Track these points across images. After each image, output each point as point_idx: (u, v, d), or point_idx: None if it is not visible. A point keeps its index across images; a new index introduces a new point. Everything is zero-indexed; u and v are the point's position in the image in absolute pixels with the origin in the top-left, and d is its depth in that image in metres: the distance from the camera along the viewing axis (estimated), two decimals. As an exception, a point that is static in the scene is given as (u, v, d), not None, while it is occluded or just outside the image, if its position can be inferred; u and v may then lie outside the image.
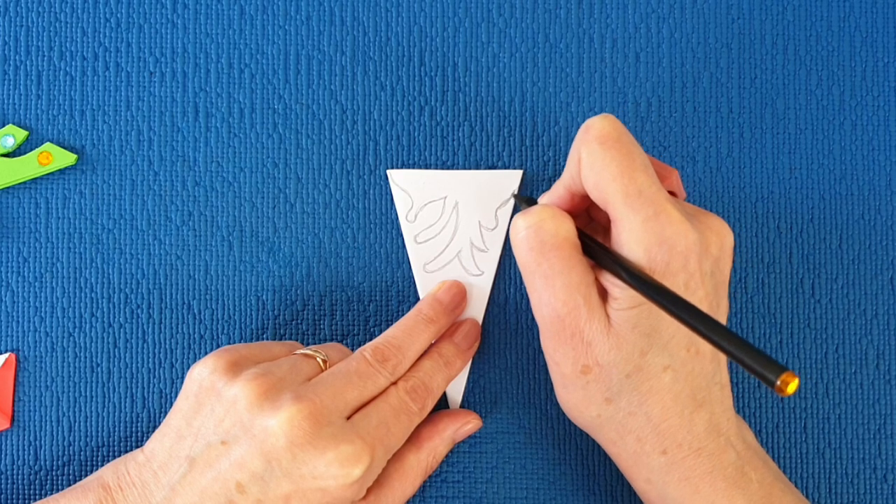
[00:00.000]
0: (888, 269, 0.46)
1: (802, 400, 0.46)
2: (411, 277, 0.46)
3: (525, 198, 0.43)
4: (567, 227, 0.38)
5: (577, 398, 0.39)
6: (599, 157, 0.37)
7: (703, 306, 0.38)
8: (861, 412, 0.46)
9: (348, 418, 0.39)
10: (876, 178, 0.47)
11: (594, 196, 0.38)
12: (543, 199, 0.41)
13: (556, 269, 0.38)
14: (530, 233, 0.38)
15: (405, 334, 0.42)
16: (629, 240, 0.37)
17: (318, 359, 0.41)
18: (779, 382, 0.31)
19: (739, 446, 0.39)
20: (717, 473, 0.39)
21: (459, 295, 0.45)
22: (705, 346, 0.38)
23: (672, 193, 0.41)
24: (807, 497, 0.45)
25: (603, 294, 0.38)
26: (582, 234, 0.39)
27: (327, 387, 0.39)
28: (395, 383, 0.41)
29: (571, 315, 0.38)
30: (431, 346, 0.43)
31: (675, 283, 0.37)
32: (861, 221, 0.46)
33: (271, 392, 0.38)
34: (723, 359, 0.40)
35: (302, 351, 0.41)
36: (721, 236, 0.39)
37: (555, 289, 0.38)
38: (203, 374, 0.39)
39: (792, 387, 0.31)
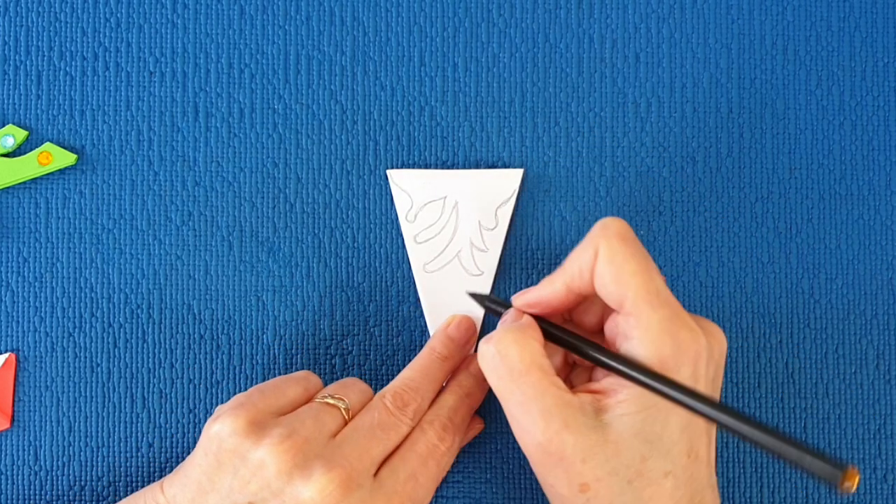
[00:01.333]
0: (887, 270, 0.46)
1: (802, 400, 0.46)
2: (411, 277, 0.46)
3: (493, 300, 0.43)
4: (532, 350, 0.38)
5: None
6: (620, 253, 0.37)
7: None
8: (861, 412, 0.46)
9: (375, 474, 0.39)
10: (876, 178, 0.47)
11: (607, 291, 0.38)
12: (522, 298, 0.40)
13: (528, 396, 0.38)
14: (496, 361, 0.38)
15: (422, 375, 0.42)
16: (644, 336, 0.37)
17: (340, 408, 0.40)
18: (844, 481, 0.31)
19: None
20: None
21: (470, 329, 0.44)
22: (703, 451, 0.38)
23: None
24: (807, 497, 0.45)
25: (590, 407, 0.38)
26: (562, 333, 0.39)
27: (354, 446, 0.38)
28: (419, 425, 0.41)
29: (554, 441, 0.37)
30: (449, 379, 0.43)
31: (686, 383, 0.37)
32: (860, 222, 0.46)
33: (299, 456, 0.37)
34: (714, 461, 0.40)
35: (323, 399, 0.40)
36: (720, 342, 0.39)
37: (532, 416, 0.38)
38: (223, 435, 0.38)
39: (855, 483, 0.31)
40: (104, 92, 0.47)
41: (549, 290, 0.40)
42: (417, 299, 0.46)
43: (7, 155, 0.46)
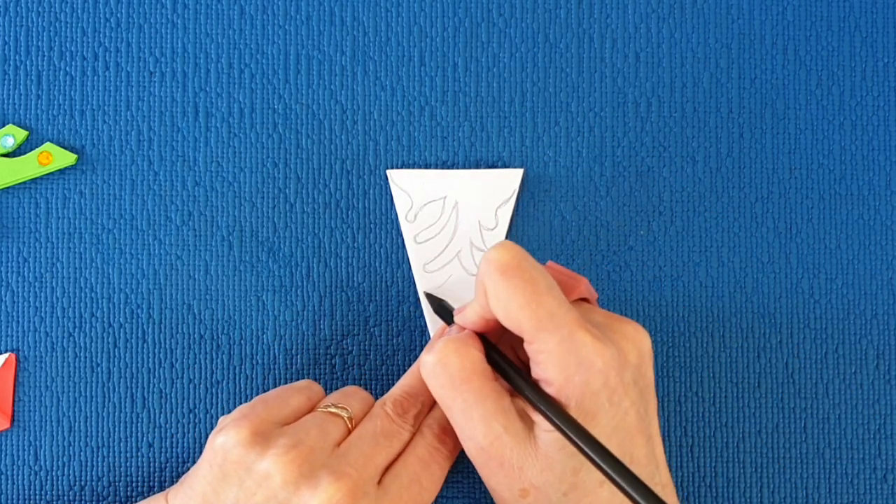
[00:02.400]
0: (887, 270, 0.46)
1: (802, 400, 0.46)
2: (411, 277, 0.46)
3: (439, 302, 0.44)
4: (473, 358, 0.39)
5: None
6: (503, 288, 0.37)
7: (631, 414, 0.38)
8: (861, 412, 0.46)
9: (379, 481, 0.39)
10: (876, 178, 0.47)
11: (506, 324, 0.38)
12: (457, 317, 0.41)
13: (469, 402, 0.38)
14: (438, 369, 0.39)
15: (420, 382, 0.42)
16: (548, 360, 0.37)
17: (344, 417, 0.40)
18: None
19: None
20: None
21: None
22: (640, 453, 0.38)
23: (584, 300, 0.41)
24: (807, 497, 0.45)
25: (525, 416, 0.38)
26: (499, 358, 0.39)
27: (359, 455, 0.39)
28: (419, 429, 0.41)
29: (495, 445, 0.38)
30: None
31: (599, 401, 0.37)
32: (860, 222, 0.46)
33: (305, 466, 0.37)
34: (660, 459, 0.40)
35: (326, 408, 0.40)
36: (637, 343, 0.39)
37: (473, 421, 0.38)
38: (227, 446, 0.38)
39: None
40: (104, 92, 0.47)
41: (469, 321, 0.40)
42: (417, 299, 0.46)
43: (7, 155, 0.46)
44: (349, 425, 0.40)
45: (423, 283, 0.45)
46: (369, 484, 0.38)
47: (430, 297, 0.45)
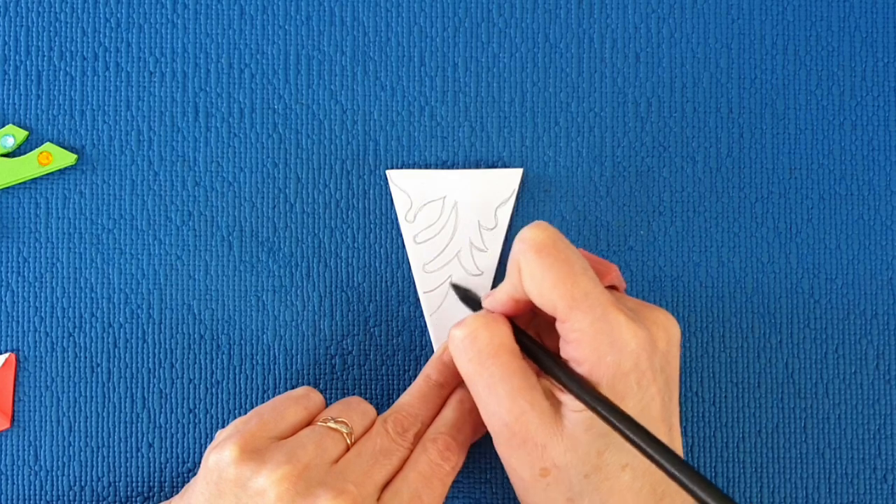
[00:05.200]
0: (887, 270, 0.46)
1: (802, 400, 0.46)
2: (411, 277, 0.46)
3: (465, 291, 0.44)
4: (502, 334, 0.39)
5: (539, 501, 0.39)
6: (538, 267, 0.37)
7: (656, 401, 0.38)
8: (861, 412, 0.46)
9: (379, 498, 0.39)
10: (876, 178, 0.47)
11: (539, 303, 0.38)
12: (486, 302, 0.41)
13: (496, 377, 0.38)
14: (466, 343, 0.39)
15: (420, 402, 0.42)
16: (581, 340, 0.37)
17: (343, 433, 0.40)
18: None
19: None
20: None
21: None
22: (662, 439, 0.38)
23: (614, 287, 0.41)
24: (807, 497, 0.45)
25: (551, 396, 0.38)
26: (527, 341, 0.39)
27: (357, 472, 0.38)
28: (421, 443, 0.41)
29: (520, 421, 0.38)
30: (450, 397, 0.43)
31: (629, 383, 0.37)
32: (860, 222, 0.46)
33: (300, 483, 0.37)
34: (678, 450, 0.40)
35: (325, 422, 0.40)
36: (668, 330, 0.39)
37: (499, 396, 0.38)
38: (222, 465, 0.38)
39: None
40: (104, 92, 0.47)
41: (499, 302, 0.40)
42: (417, 299, 0.46)
43: (7, 155, 0.46)
44: (348, 441, 0.40)
45: (423, 283, 0.45)
46: (368, 500, 0.38)
47: (456, 287, 0.44)
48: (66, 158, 0.46)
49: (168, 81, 0.47)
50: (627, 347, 0.37)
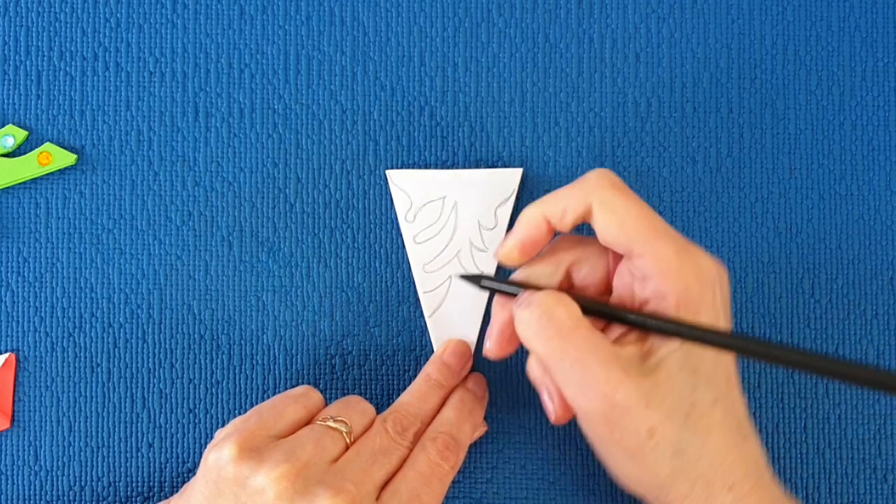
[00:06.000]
0: (888, 269, 0.46)
1: (802, 400, 0.46)
2: (411, 277, 0.46)
3: (478, 278, 0.42)
4: (574, 307, 0.38)
5: (645, 465, 0.38)
6: (621, 201, 0.38)
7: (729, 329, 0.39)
8: (861, 412, 0.46)
9: (378, 497, 0.39)
10: (876, 178, 0.47)
11: (614, 238, 0.38)
12: (512, 239, 0.40)
13: (583, 351, 0.37)
14: (543, 322, 0.38)
15: (420, 400, 0.42)
16: (666, 270, 0.37)
17: (342, 432, 0.40)
18: None
19: (777, 481, 0.40)
20: None
21: (465, 355, 0.44)
22: (734, 378, 0.39)
23: None
24: (807, 497, 0.45)
25: (631, 354, 0.38)
26: (592, 304, 0.39)
27: (356, 471, 0.38)
28: (420, 443, 0.40)
29: (619, 390, 0.37)
30: (449, 397, 0.43)
31: (712, 314, 0.38)
32: (860, 221, 0.46)
33: (299, 482, 0.37)
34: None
35: (324, 421, 0.40)
36: (725, 268, 0.40)
37: (591, 369, 0.37)
38: (221, 463, 0.38)
39: None
40: (104, 92, 0.47)
41: (531, 226, 0.40)
42: (417, 299, 0.46)
43: (7, 155, 0.46)
44: (347, 440, 0.40)
45: (423, 283, 0.45)
46: (367, 500, 0.38)
47: (466, 277, 0.43)
48: (66, 158, 0.46)
49: (168, 81, 0.47)
50: (710, 276, 0.38)
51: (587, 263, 0.41)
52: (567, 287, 0.41)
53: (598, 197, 0.38)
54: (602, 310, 0.39)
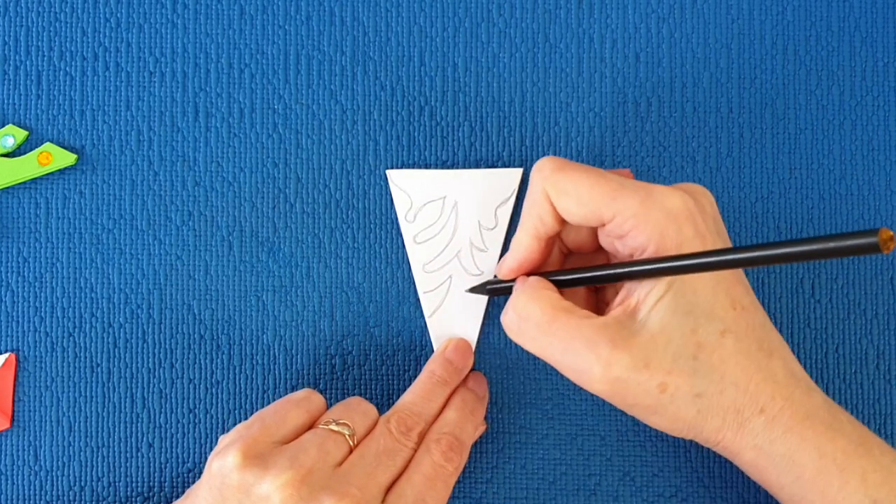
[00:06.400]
0: (888, 269, 0.46)
1: (802, 400, 0.46)
2: (411, 277, 0.46)
3: (493, 283, 0.44)
4: (548, 297, 0.39)
5: (671, 413, 0.38)
6: (569, 180, 0.38)
7: None
8: (861, 412, 0.46)
9: (383, 500, 0.39)
10: (876, 178, 0.47)
11: (579, 216, 0.39)
12: (505, 259, 0.41)
13: (567, 338, 0.38)
14: (522, 324, 0.39)
15: (424, 399, 0.42)
16: (637, 223, 0.37)
17: (345, 435, 0.40)
18: (879, 241, 0.29)
19: (819, 389, 0.39)
20: (814, 418, 0.38)
21: (467, 352, 0.45)
22: (746, 300, 0.39)
23: None
24: (807, 497, 0.45)
25: (621, 317, 0.38)
26: (566, 276, 0.40)
27: (361, 475, 0.38)
28: (424, 444, 0.40)
29: (613, 363, 0.37)
30: (450, 397, 0.43)
31: (694, 245, 0.37)
32: (861, 221, 0.46)
33: (304, 488, 0.37)
34: (760, 304, 0.40)
35: (327, 424, 0.40)
36: (707, 196, 0.40)
37: (580, 353, 0.37)
38: (225, 471, 0.38)
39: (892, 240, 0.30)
40: (104, 92, 0.47)
41: (522, 249, 0.41)
42: (417, 299, 0.46)
43: (7, 155, 0.46)
44: (351, 443, 0.39)
45: (423, 283, 0.45)
46: (373, 503, 0.38)
47: (475, 289, 0.45)
48: (66, 158, 0.46)
49: (168, 81, 0.47)
50: (681, 212, 0.37)
51: (571, 230, 0.42)
52: (566, 253, 0.42)
53: (547, 188, 0.39)
54: (579, 278, 0.40)
